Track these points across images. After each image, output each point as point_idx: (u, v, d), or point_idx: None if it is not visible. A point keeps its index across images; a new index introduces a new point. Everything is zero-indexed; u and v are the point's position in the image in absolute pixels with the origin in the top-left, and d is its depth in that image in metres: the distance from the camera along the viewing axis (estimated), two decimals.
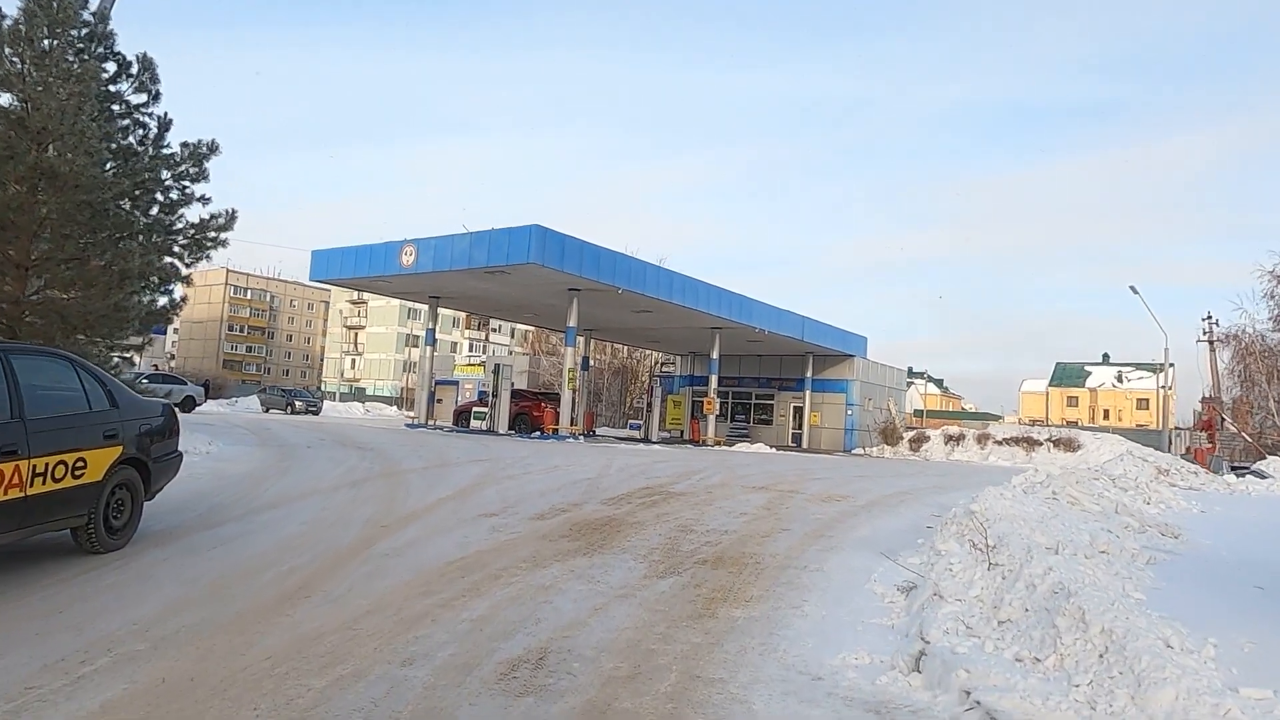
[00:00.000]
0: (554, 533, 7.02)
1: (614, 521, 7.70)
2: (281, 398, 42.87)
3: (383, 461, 12.34)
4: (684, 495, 9.93)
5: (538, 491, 9.58)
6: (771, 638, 4.26)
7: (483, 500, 8.72)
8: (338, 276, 25.90)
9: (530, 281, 23.53)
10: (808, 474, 14.84)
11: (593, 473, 12.01)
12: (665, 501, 9.24)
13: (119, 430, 5.39)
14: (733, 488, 11.10)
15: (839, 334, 35.88)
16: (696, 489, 10.69)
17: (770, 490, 11.04)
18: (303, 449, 13.90)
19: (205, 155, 11.71)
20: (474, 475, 10.97)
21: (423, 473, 11.05)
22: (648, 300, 25.23)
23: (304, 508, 7.88)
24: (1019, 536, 4.83)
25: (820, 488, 11.85)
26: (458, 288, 25.85)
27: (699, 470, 13.80)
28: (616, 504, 8.86)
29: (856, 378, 37.51)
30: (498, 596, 4.84)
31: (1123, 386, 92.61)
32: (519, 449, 17.11)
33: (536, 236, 20.90)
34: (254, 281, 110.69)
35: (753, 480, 12.49)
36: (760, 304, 29.90)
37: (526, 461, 13.56)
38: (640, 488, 10.36)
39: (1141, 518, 6.77)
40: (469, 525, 7.20)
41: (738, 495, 10.22)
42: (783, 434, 38.72)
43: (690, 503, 9.27)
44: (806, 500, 10.15)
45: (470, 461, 13.02)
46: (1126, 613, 3.31)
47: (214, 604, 4.52)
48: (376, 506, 8.07)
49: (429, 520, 7.39)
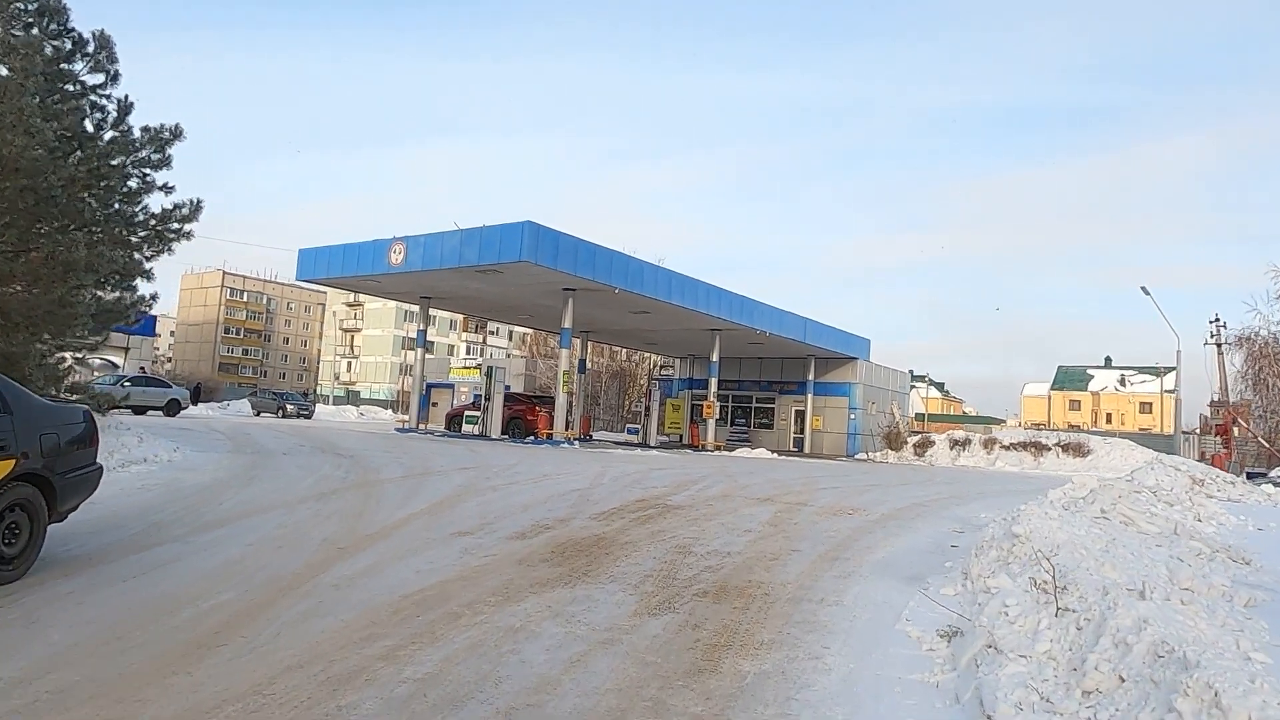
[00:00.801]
0: (533, 556, 6.17)
1: (603, 542, 6.85)
2: (273, 401, 41.98)
3: (359, 470, 11.49)
4: (682, 509, 9.08)
5: (522, 505, 8.74)
6: (790, 704, 3.41)
7: (459, 515, 7.87)
8: (325, 276, 25.05)
9: (524, 281, 22.70)
10: (814, 483, 13.99)
11: (584, 482, 11.17)
12: (661, 516, 8.40)
13: (9, 441, 4.55)
14: (735, 499, 10.26)
15: (841, 336, 35.03)
16: (696, 501, 9.85)
17: (776, 502, 10.19)
18: (278, 456, 13.05)
19: (168, 140, 10.88)
20: (455, 485, 10.12)
21: (400, 482, 10.21)
22: (645, 301, 24.39)
23: (257, 525, 7.03)
24: (1086, 571, 3.99)
25: (829, 499, 11.01)
26: (449, 287, 25.01)
27: (698, 479, 12.96)
28: (607, 520, 8.02)
29: (859, 381, 36.66)
30: (455, 644, 4.00)
31: (1125, 390, 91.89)
32: (509, 455, 16.26)
33: (529, 234, 20.06)
34: (250, 284, 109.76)
35: (756, 490, 11.65)
36: (761, 305, 29.07)
37: (515, 470, 12.71)
38: (635, 500, 9.51)
39: (1204, 540, 5.95)
40: (438, 546, 6.36)
41: (741, 508, 9.38)
42: (784, 438, 37.86)
43: (689, 518, 8.42)
44: (816, 514, 9.30)
45: (454, 469, 12.17)
46: (1267, 693, 2.47)
47: (101, 657, 3.67)
48: (339, 524, 7.22)
49: (395, 540, 6.55)
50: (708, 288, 26.12)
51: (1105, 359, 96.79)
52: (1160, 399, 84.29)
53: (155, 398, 27.94)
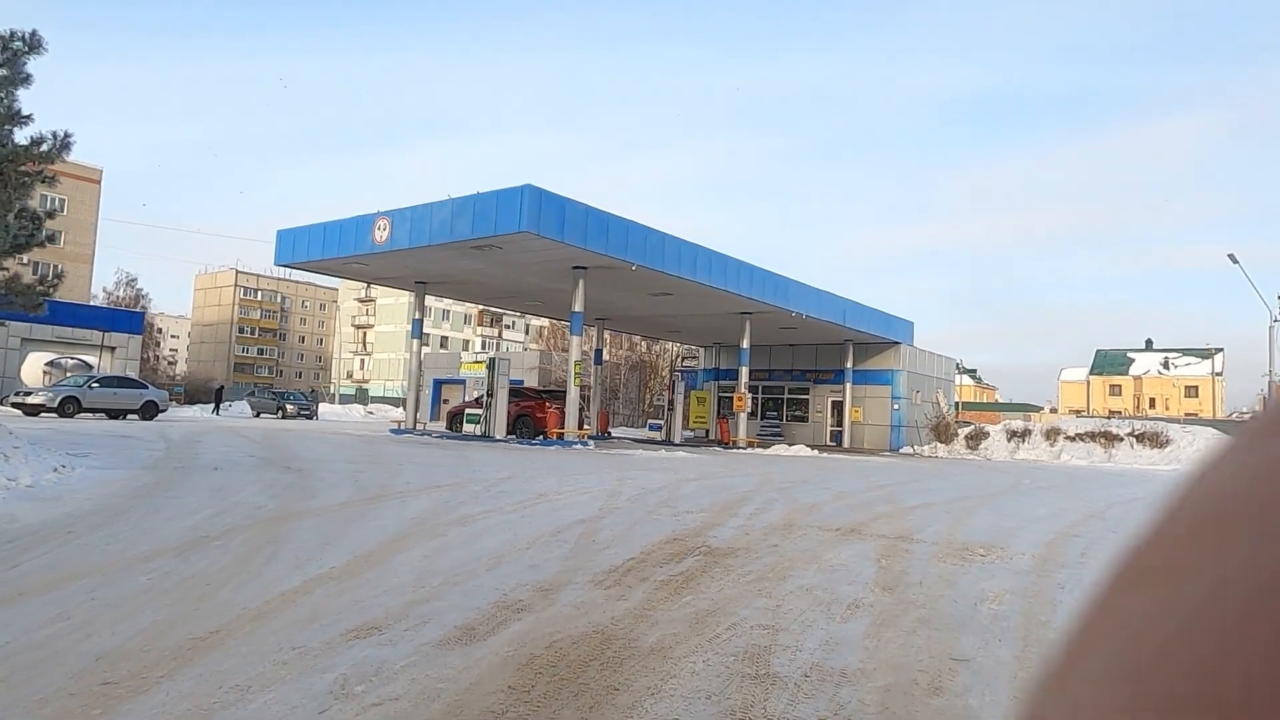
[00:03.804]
0: (477, 693, 3.19)
1: (610, 643, 3.85)
2: (272, 401, 39.54)
3: (293, 493, 8.58)
4: (733, 555, 6.06)
5: (491, 555, 5.75)
6: None
7: (381, 585, 4.90)
8: (305, 259, 22.23)
9: (526, 259, 19.74)
10: (891, 495, 10.91)
11: (592, 507, 8.19)
12: (705, 574, 5.38)
13: None
14: (804, 531, 7.22)
15: (883, 318, 31.75)
16: (750, 537, 6.82)
17: (864, 535, 7.14)
18: (203, 473, 10.20)
19: (22, 50, 7.98)
20: (408, 519, 7.17)
21: (332, 515, 7.28)
22: (667, 279, 21.35)
23: (31, 611, 4.12)
24: None
25: (932, 524, 7.93)
26: (444, 269, 22.11)
27: (744, 495, 9.94)
28: (620, 586, 5.01)
29: (903, 368, 33.34)
30: None
31: (1170, 373, 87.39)
32: (505, 463, 13.32)
33: (530, 201, 17.09)
34: (263, 282, 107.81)
35: (827, 512, 8.60)
36: (796, 284, 25.91)
37: (503, 487, 9.76)
38: (662, 540, 6.50)
39: None
40: (298, 677, 3.38)
41: (820, 551, 6.33)
42: (820, 432, 34.68)
43: (747, 576, 5.40)
44: (936, 557, 6.24)
45: (422, 490, 9.22)
46: None
47: None
48: (164, 609, 4.28)
49: (224, 659, 3.58)
50: (738, 264, 23.01)
51: (1146, 341, 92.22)
52: (1211, 382, 79.92)
53: (129, 400, 25.37)
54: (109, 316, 35.16)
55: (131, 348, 35.18)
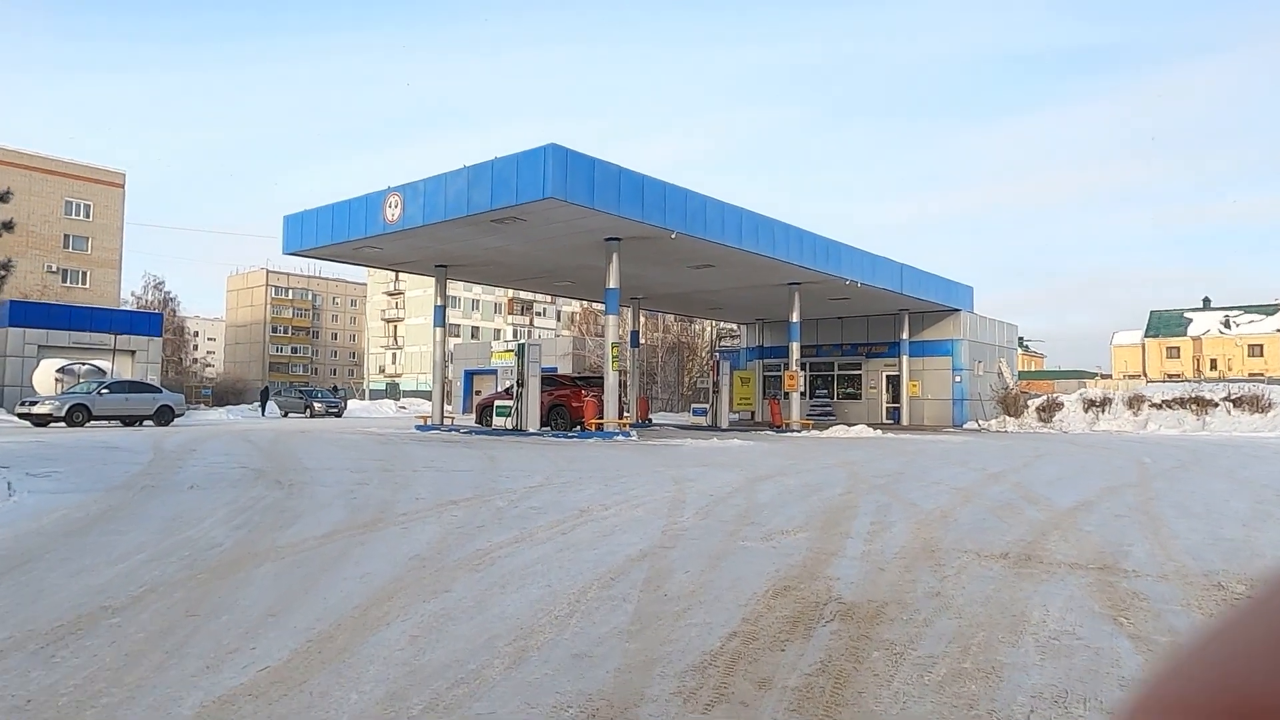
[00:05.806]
0: None
1: None
2: (299, 400, 38.25)
3: (267, 519, 6.68)
4: (883, 619, 3.98)
5: (512, 634, 3.74)
6: None
7: (329, 711, 2.91)
8: (315, 245, 20.45)
9: (553, 231, 17.71)
10: (1026, 490, 8.71)
11: (652, 529, 6.16)
12: (859, 668, 3.30)
13: None
14: (957, 560, 5.10)
15: (942, 284, 29.20)
16: (890, 577, 4.73)
17: (1048, 564, 5.00)
18: (177, 492, 8.38)
19: None
20: (402, 562, 5.20)
21: (303, 556, 5.34)
22: (710, 249, 19.19)
23: None
24: None
25: (1139, 541, 5.74)
26: (464, 249, 20.18)
27: (842, 499, 7.84)
28: (728, 701, 2.96)
29: (964, 336, 30.76)
30: None
31: (1231, 333, 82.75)
32: (538, 464, 11.38)
33: (554, 162, 15.03)
34: (294, 281, 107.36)
35: (967, 525, 6.46)
36: (850, 248, 23.57)
37: (534, 501, 7.78)
38: (767, 592, 4.43)
39: None
40: None
41: (1009, 603, 4.22)
42: (874, 409, 32.32)
43: (930, 668, 3.32)
44: (1187, 603, 4.09)
45: (431, 509, 7.28)
46: None
47: None
48: None
49: None
50: (785, 228, 20.74)
51: (1204, 300, 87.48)
52: (1277, 339, 75.46)
53: (141, 405, 23.95)
54: (126, 319, 33.95)
55: (152, 350, 33.98)
